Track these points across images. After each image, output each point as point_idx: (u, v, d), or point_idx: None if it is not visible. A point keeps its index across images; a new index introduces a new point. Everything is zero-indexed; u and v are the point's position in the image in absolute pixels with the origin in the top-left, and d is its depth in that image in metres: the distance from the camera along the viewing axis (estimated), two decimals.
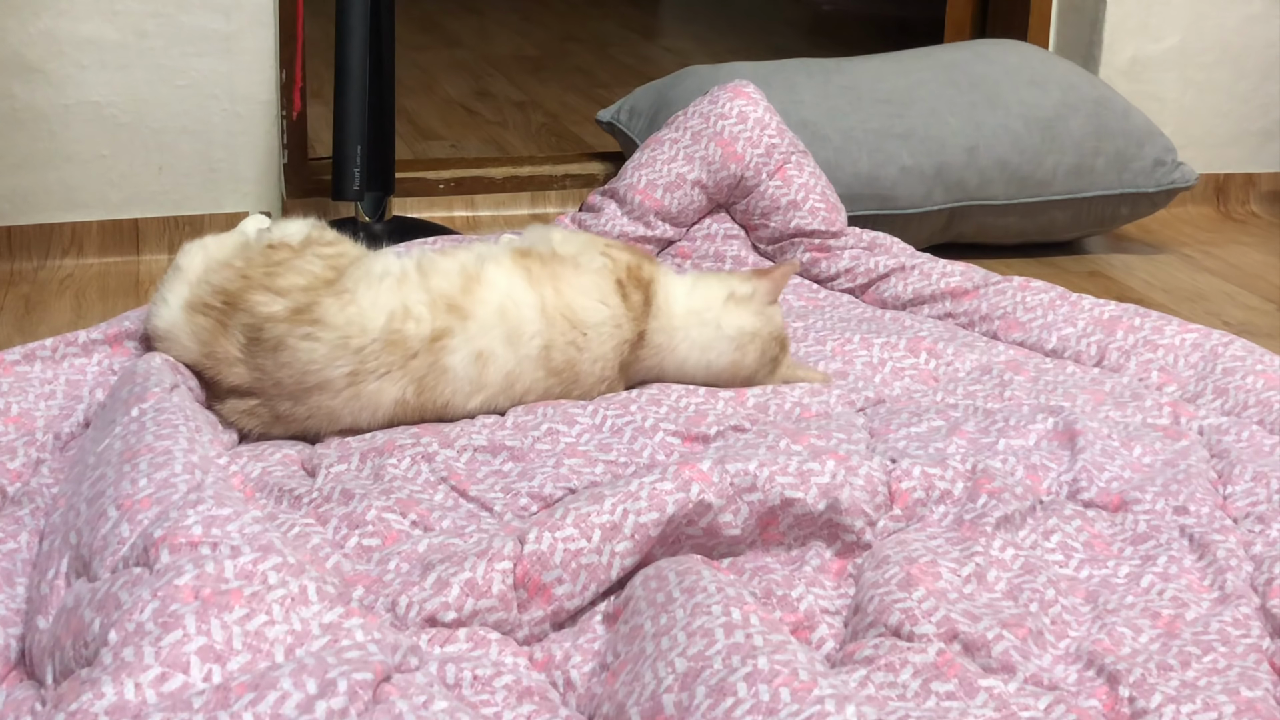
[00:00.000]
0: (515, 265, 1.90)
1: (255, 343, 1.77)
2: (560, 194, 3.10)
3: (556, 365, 1.88)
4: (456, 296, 1.84)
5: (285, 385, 1.78)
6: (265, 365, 1.78)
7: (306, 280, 1.82)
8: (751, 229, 2.57)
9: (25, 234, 2.81)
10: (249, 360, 1.78)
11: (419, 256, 1.89)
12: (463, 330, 1.82)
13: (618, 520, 1.47)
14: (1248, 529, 1.62)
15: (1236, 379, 1.93)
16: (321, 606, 1.27)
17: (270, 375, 1.78)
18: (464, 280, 1.85)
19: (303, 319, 1.77)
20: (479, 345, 1.83)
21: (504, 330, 1.84)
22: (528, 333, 1.86)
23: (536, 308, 1.87)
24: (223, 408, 1.81)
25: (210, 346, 1.80)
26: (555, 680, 1.38)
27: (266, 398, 1.80)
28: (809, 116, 2.83)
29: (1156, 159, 3.00)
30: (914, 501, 1.60)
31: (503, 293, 1.86)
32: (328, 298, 1.80)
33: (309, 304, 1.78)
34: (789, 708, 1.17)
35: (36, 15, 2.71)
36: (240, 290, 1.80)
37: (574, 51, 5.05)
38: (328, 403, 1.79)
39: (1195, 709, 1.28)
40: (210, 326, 1.80)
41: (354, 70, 2.63)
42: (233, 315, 1.79)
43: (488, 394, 1.85)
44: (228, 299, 1.80)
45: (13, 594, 1.44)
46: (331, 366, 1.77)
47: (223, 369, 1.80)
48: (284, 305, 1.78)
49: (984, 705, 1.28)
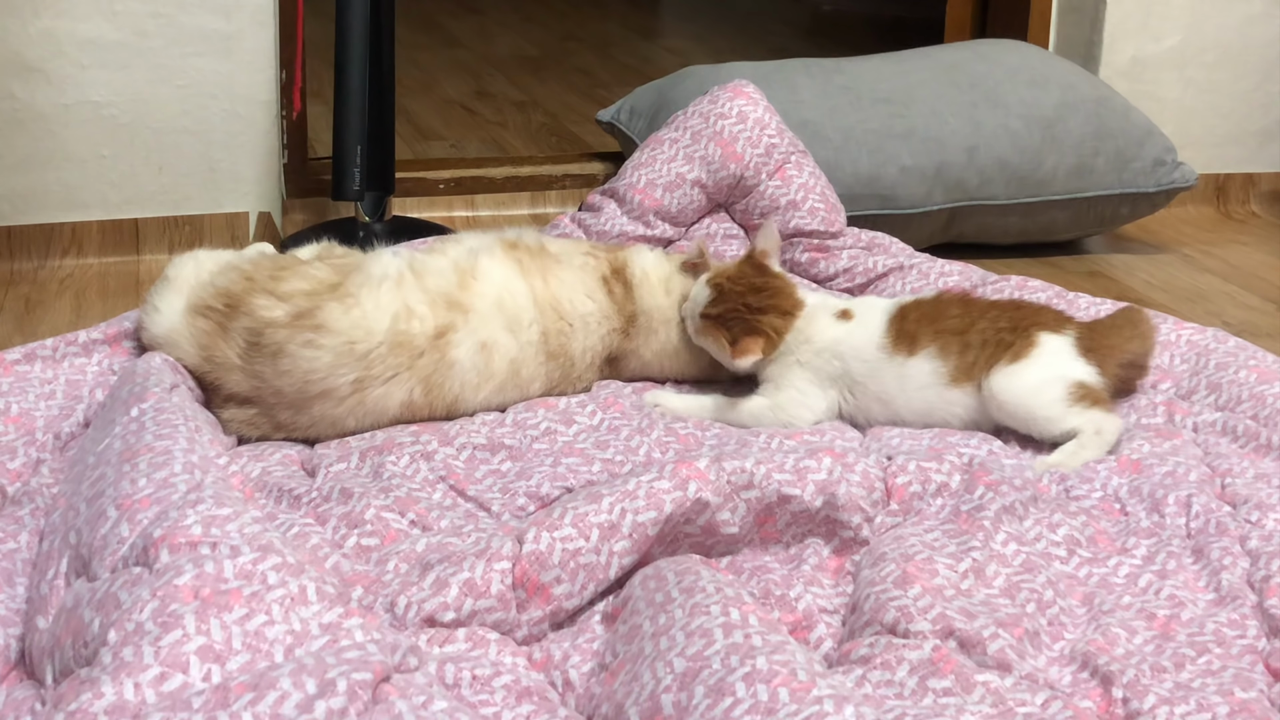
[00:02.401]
0: (506, 256, 1.92)
1: (255, 348, 1.76)
2: (560, 194, 3.10)
3: (553, 349, 1.90)
4: (455, 292, 1.84)
5: (286, 394, 1.77)
6: (264, 373, 1.77)
7: (310, 285, 1.81)
8: (751, 229, 2.57)
9: (25, 234, 2.81)
10: (247, 367, 1.77)
11: (409, 259, 1.90)
12: (465, 324, 1.83)
13: (616, 520, 1.47)
14: (1244, 518, 1.62)
15: (1229, 374, 1.94)
16: (321, 606, 1.27)
17: (269, 384, 1.77)
18: (459, 276, 1.86)
19: (304, 325, 1.76)
20: (482, 336, 1.84)
21: (504, 319, 1.86)
22: (526, 320, 1.88)
23: (530, 297, 1.89)
24: (222, 415, 1.80)
25: (210, 351, 1.79)
26: (554, 680, 1.38)
27: (266, 407, 1.79)
28: (809, 116, 2.83)
29: (1156, 159, 3.00)
30: (910, 495, 1.61)
31: (499, 284, 1.88)
32: (330, 302, 1.79)
33: (311, 309, 1.78)
34: (787, 708, 1.17)
35: (36, 15, 2.71)
36: (243, 292, 1.80)
37: (574, 51, 5.05)
38: (331, 411, 1.79)
39: (1189, 710, 1.28)
40: (210, 330, 1.79)
41: (354, 70, 2.63)
42: (234, 318, 1.78)
43: (496, 383, 1.86)
44: (230, 301, 1.80)
45: (13, 594, 1.44)
46: (335, 375, 1.76)
47: (221, 375, 1.79)
48: (285, 311, 1.77)
49: (980, 701, 1.28)
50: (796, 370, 1.91)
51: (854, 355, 1.89)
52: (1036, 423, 1.82)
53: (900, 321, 1.90)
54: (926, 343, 1.87)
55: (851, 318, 1.93)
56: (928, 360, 1.86)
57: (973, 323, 1.88)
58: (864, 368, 1.89)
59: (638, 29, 5.62)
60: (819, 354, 1.91)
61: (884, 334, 1.89)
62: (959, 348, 1.86)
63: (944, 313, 1.91)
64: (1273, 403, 1.86)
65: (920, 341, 1.87)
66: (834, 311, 1.94)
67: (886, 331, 1.89)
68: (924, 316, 1.90)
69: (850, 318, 1.93)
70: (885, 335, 1.89)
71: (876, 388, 1.88)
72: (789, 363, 1.91)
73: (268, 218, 2.91)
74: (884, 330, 1.89)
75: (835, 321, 1.92)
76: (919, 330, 1.89)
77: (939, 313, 1.91)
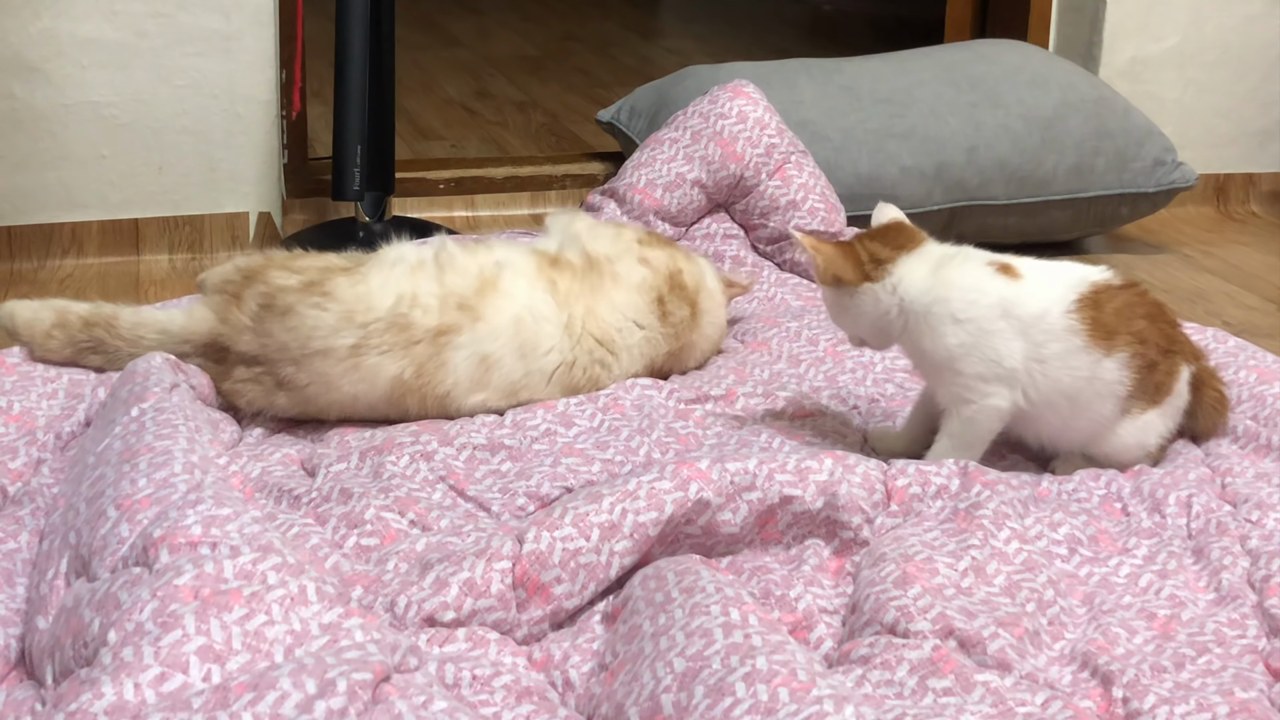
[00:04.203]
0: (539, 277, 1.90)
1: (266, 309, 1.83)
2: (560, 194, 3.10)
3: (576, 383, 1.89)
4: (470, 297, 1.84)
5: (290, 349, 1.82)
6: (273, 329, 1.82)
7: (325, 263, 1.89)
8: (751, 229, 2.58)
9: (25, 234, 2.81)
10: (258, 327, 1.83)
11: (438, 249, 1.90)
12: (471, 330, 1.83)
13: (616, 520, 1.48)
14: (1244, 518, 1.62)
15: (1229, 374, 1.94)
16: (321, 606, 1.27)
17: (276, 339, 1.82)
18: (480, 283, 1.86)
19: (313, 291, 1.83)
20: (486, 349, 1.84)
21: (517, 342, 1.85)
22: (543, 348, 1.87)
23: (559, 325, 1.87)
24: (229, 380, 1.85)
25: (222, 321, 1.85)
26: (554, 680, 1.38)
27: (270, 364, 1.83)
28: (809, 116, 2.83)
29: (1156, 159, 3.00)
30: (910, 497, 1.61)
31: (521, 304, 1.86)
32: (340, 276, 1.86)
33: (321, 280, 1.85)
34: (787, 708, 1.17)
35: (36, 15, 2.71)
36: (261, 268, 1.88)
37: (574, 51, 5.04)
38: (329, 370, 1.82)
39: (1189, 710, 1.28)
40: (223, 301, 1.87)
41: (354, 70, 2.63)
42: (249, 287, 1.85)
43: (486, 395, 1.86)
44: (247, 274, 1.88)
45: (13, 594, 1.44)
46: (336, 335, 1.81)
47: (233, 335, 1.84)
48: (298, 280, 1.85)
49: (980, 701, 1.28)
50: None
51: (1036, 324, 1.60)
52: (1123, 461, 1.68)
53: (1095, 308, 1.62)
54: (1122, 345, 1.62)
55: (1017, 276, 1.64)
56: (1119, 368, 1.63)
57: (1154, 333, 1.65)
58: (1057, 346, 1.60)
59: (638, 29, 5.62)
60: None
61: (1074, 311, 1.60)
62: (1146, 364, 1.63)
63: (1134, 310, 1.65)
64: (1273, 403, 1.86)
65: (1117, 341, 1.61)
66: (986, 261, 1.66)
67: (1078, 311, 1.61)
68: (1129, 308, 1.64)
69: (1015, 275, 1.63)
70: (1076, 315, 1.60)
71: (1069, 377, 1.61)
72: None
73: (267, 218, 2.91)
74: (1072, 307, 1.61)
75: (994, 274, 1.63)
76: (1117, 325, 1.62)
77: (1131, 309, 1.65)
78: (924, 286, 1.65)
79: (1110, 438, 1.68)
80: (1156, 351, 1.66)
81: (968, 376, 1.64)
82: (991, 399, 1.64)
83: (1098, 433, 1.68)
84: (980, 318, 1.62)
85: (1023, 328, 1.62)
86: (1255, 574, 1.51)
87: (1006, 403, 1.64)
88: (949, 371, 1.66)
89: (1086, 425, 1.67)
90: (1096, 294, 1.64)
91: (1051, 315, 1.63)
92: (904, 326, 1.67)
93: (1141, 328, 1.66)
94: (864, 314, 1.69)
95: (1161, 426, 1.71)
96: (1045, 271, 1.68)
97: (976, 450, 1.68)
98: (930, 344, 1.65)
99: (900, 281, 1.66)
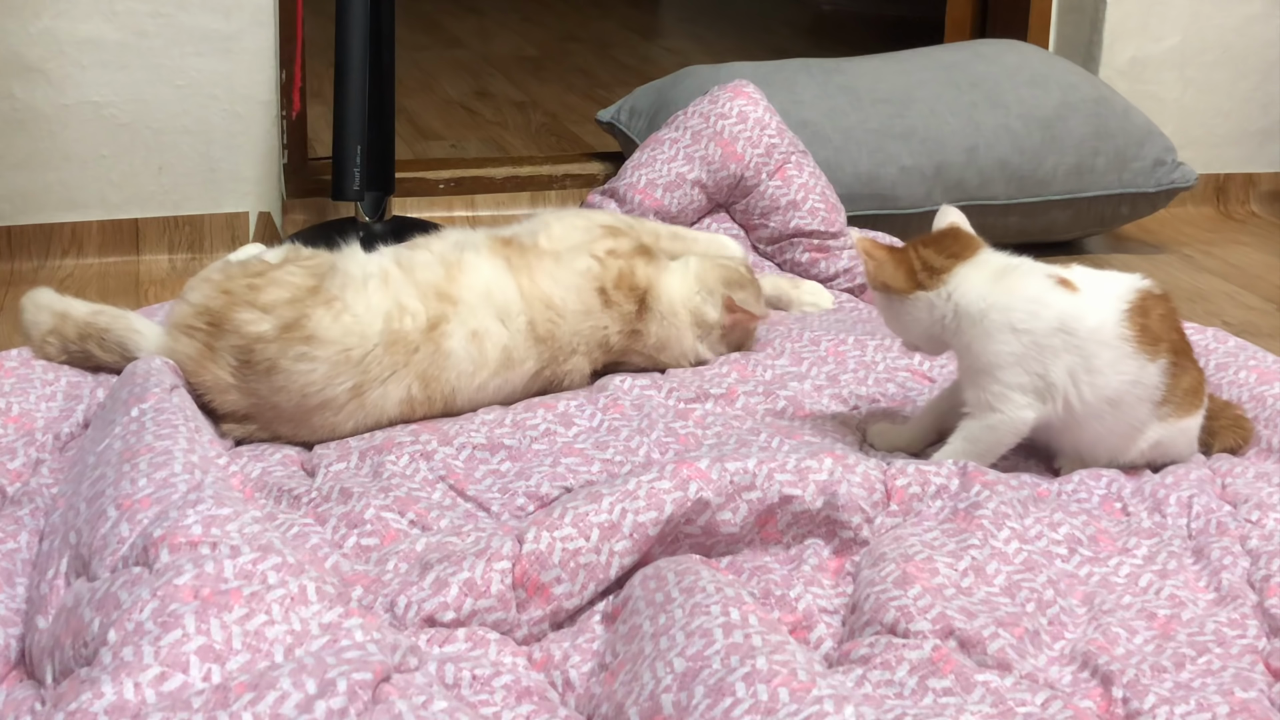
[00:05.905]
0: (494, 254, 1.94)
1: (247, 366, 1.76)
2: (560, 194, 3.10)
3: (541, 334, 1.92)
4: (443, 284, 1.87)
5: (284, 410, 1.78)
6: (260, 390, 1.76)
7: (289, 292, 1.79)
8: (751, 229, 2.57)
9: (25, 234, 2.81)
10: (242, 385, 1.77)
11: (393, 255, 1.91)
12: (456, 314, 1.85)
13: (616, 519, 1.47)
14: (1244, 518, 1.62)
15: (1229, 374, 1.94)
16: (321, 606, 1.27)
17: (267, 400, 1.77)
18: (446, 269, 1.89)
19: (294, 337, 1.75)
20: (473, 325, 1.86)
21: (493, 309, 1.88)
22: (514, 310, 1.90)
23: (517, 290, 1.91)
24: (221, 429, 1.80)
25: (199, 376, 1.77)
26: (554, 680, 1.38)
27: (264, 421, 1.79)
28: (809, 116, 2.83)
29: (1156, 159, 3.00)
30: (910, 497, 1.61)
31: (486, 278, 1.90)
32: (317, 309, 1.78)
33: (297, 319, 1.76)
34: (787, 708, 1.17)
35: (36, 15, 2.71)
36: (224, 308, 1.77)
37: (574, 51, 5.04)
38: (330, 420, 1.80)
39: (1189, 710, 1.28)
40: (196, 352, 1.77)
41: (354, 70, 2.63)
42: (220, 337, 1.77)
43: (490, 370, 1.87)
44: (212, 319, 1.78)
45: (13, 594, 1.44)
46: (332, 385, 1.77)
47: (215, 396, 1.78)
48: (272, 324, 1.76)
49: (980, 701, 1.28)
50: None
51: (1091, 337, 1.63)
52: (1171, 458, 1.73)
53: (1143, 315, 1.65)
54: (1164, 352, 1.64)
55: (1075, 289, 1.66)
56: (1159, 374, 1.65)
57: (1184, 344, 1.67)
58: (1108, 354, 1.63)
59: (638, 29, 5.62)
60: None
61: (1126, 321, 1.64)
62: (1180, 371, 1.65)
63: (1171, 319, 1.68)
64: (1273, 403, 1.86)
65: (1160, 349, 1.64)
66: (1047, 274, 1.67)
67: (1129, 320, 1.64)
68: (1168, 317, 1.67)
69: (1073, 288, 1.66)
70: (1128, 323, 1.64)
71: (1117, 382, 1.63)
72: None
73: (267, 218, 2.92)
74: (1124, 317, 1.64)
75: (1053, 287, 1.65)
76: (1160, 333, 1.64)
77: (1169, 318, 1.67)
78: (982, 293, 1.66)
79: (1144, 443, 1.70)
80: (1187, 360, 1.69)
81: (1005, 385, 1.65)
82: (1022, 410, 1.66)
83: (1133, 439, 1.69)
84: (1038, 330, 1.64)
85: (1078, 342, 1.64)
86: (1255, 574, 1.51)
87: (1033, 417, 1.66)
88: (988, 377, 1.66)
89: (1125, 431, 1.69)
90: (1143, 302, 1.67)
91: (1107, 326, 1.65)
92: (956, 330, 1.68)
93: (1176, 338, 1.69)
94: (917, 321, 1.70)
95: (1195, 431, 1.73)
96: (1098, 282, 1.69)
97: (987, 460, 1.69)
98: (980, 347, 1.66)
99: (956, 289, 1.67)
